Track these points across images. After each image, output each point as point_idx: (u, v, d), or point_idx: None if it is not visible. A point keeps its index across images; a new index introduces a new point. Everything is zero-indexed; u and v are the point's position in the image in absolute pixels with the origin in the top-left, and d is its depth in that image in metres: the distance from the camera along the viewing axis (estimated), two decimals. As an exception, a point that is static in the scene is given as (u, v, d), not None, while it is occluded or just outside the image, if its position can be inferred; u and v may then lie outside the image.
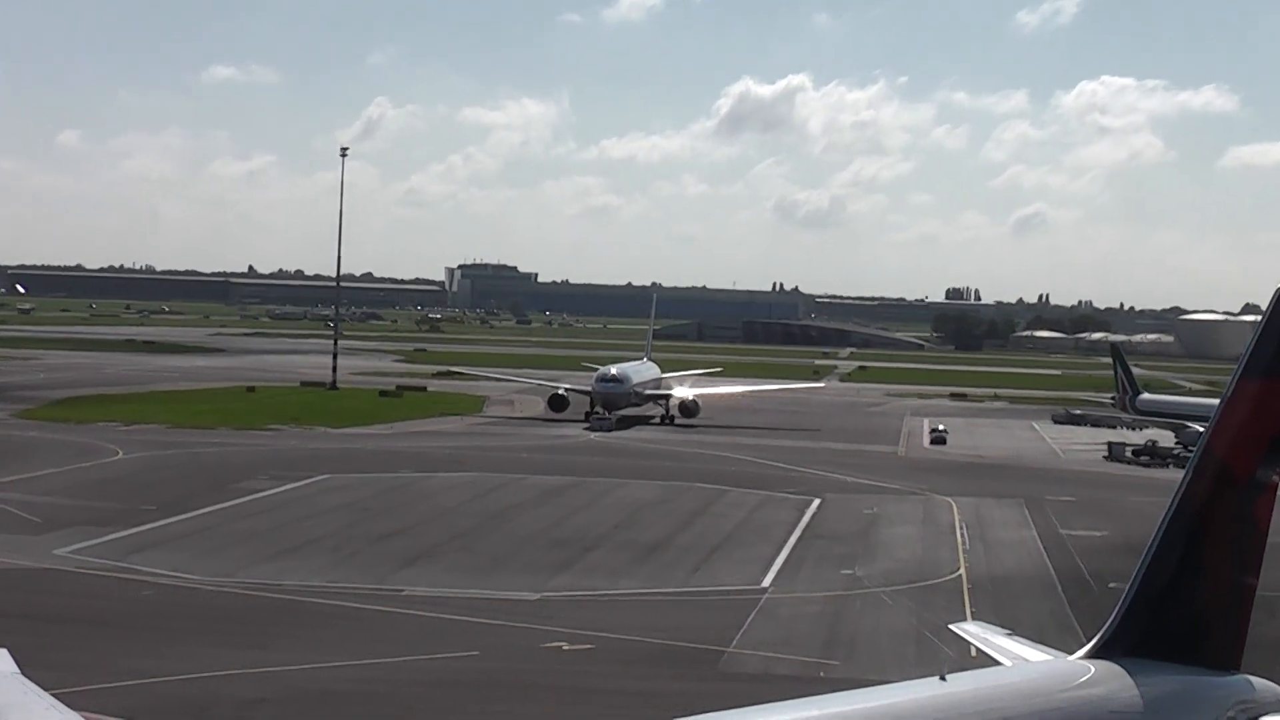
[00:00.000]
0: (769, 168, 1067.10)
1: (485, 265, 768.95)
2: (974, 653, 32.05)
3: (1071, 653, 23.28)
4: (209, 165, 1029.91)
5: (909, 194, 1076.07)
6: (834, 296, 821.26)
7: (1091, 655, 22.50)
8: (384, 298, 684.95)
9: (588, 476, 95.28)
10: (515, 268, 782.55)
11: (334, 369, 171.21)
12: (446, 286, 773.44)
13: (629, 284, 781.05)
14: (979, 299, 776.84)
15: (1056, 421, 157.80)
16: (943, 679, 20.30)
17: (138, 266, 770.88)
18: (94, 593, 55.15)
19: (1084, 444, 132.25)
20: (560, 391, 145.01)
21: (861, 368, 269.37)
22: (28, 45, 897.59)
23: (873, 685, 24.97)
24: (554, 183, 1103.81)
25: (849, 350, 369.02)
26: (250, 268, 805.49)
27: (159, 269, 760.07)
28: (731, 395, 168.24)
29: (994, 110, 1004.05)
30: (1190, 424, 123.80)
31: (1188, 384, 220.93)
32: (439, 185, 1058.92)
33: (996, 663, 25.81)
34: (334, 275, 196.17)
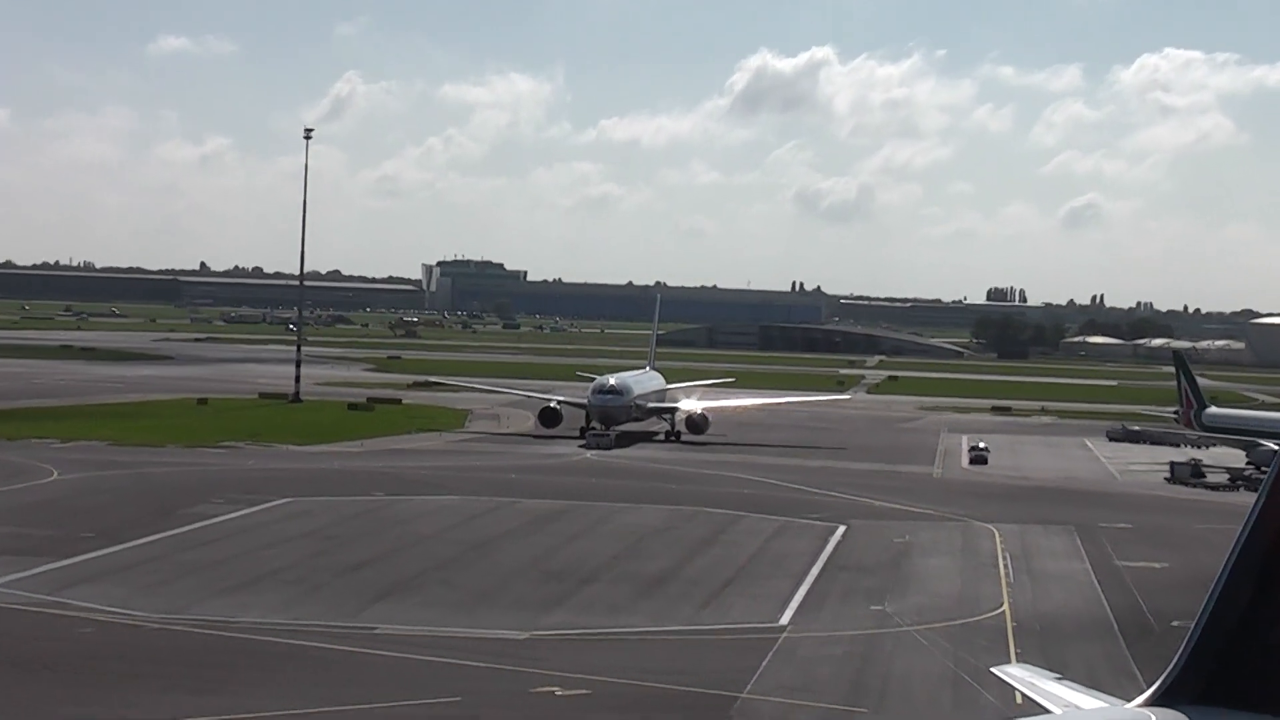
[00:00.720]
0: (789, 153, 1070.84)
1: (468, 262, 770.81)
2: (1019, 699, 32.08)
3: (1130, 700, 23.26)
4: (156, 149, 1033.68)
5: (946, 183, 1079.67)
6: (861, 298, 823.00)
7: (1152, 703, 22.44)
8: (353, 299, 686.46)
9: (584, 500, 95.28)
10: (502, 265, 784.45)
11: (297, 379, 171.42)
12: (424, 286, 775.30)
13: (630, 284, 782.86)
14: (1024, 301, 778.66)
15: (1112, 439, 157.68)
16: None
17: (75, 264, 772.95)
18: (25, 632, 55.12)
19: (1143, 464, 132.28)
20: (552, 405, 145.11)
21: (892, 378, 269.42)
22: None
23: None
24: (546, 170, 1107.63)
25: (878, 358, 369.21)
26: (202, 265, 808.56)
27: (99, 266, 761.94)
28: (745, 409, 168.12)
29: (1043, 88, 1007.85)
30: (1263, 441, 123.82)
31: (1260, 397, 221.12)
32: (416, 172, 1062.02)
33: (1045, 711, 25.80)
34: (297, 273, 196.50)
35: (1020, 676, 29.90)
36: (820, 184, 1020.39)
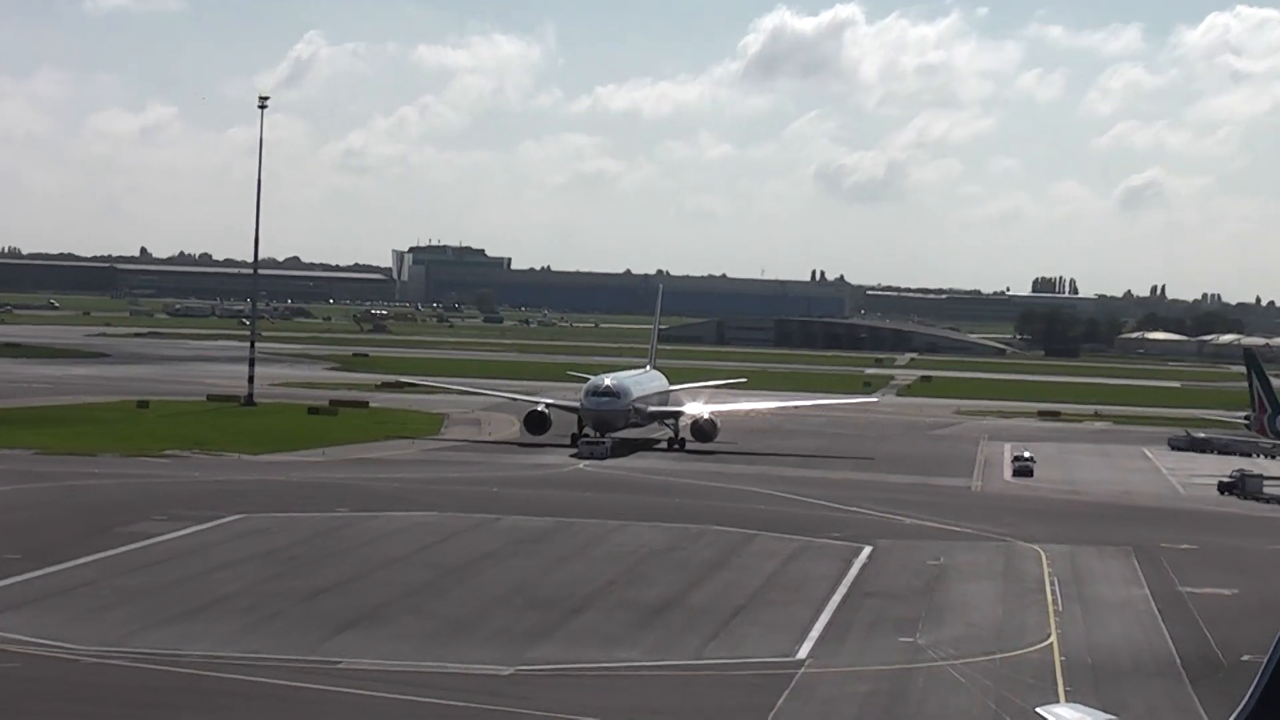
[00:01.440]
0: (809, 124, 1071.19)
1: (444, 248, 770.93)
2: (1069, 744, 31.95)
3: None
4: (91, 119, 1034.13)
5: (988, 159, 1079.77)
6: (890, 289, 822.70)
7: (1220, 748, 22.41)
8: (315, 289, 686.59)
9: (575, 517, 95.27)
10: (483, 251, 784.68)
11: (250, 379, 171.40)
12: (394, 275, 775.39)
13: (628, 272, 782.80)
14: (1075, 292, 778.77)
15: (1175, 447, 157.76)
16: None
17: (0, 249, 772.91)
18: (-58, 665, 55.02)
19: (1210, 476, 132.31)
20: (540, 408, 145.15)
21: (925, 379, 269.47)
22: None
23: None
24: (534, 143, 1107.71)
25: (909, 356, 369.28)
26: (143, 250, 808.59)
27: (25, 252, 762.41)
28: (759, 413, 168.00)
29: (1098, 51, 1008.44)
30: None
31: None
32: (386, 146, 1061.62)
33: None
34: (250, 260, 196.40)
35: (1070, 718, 29.86)
36: (845, 159, 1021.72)
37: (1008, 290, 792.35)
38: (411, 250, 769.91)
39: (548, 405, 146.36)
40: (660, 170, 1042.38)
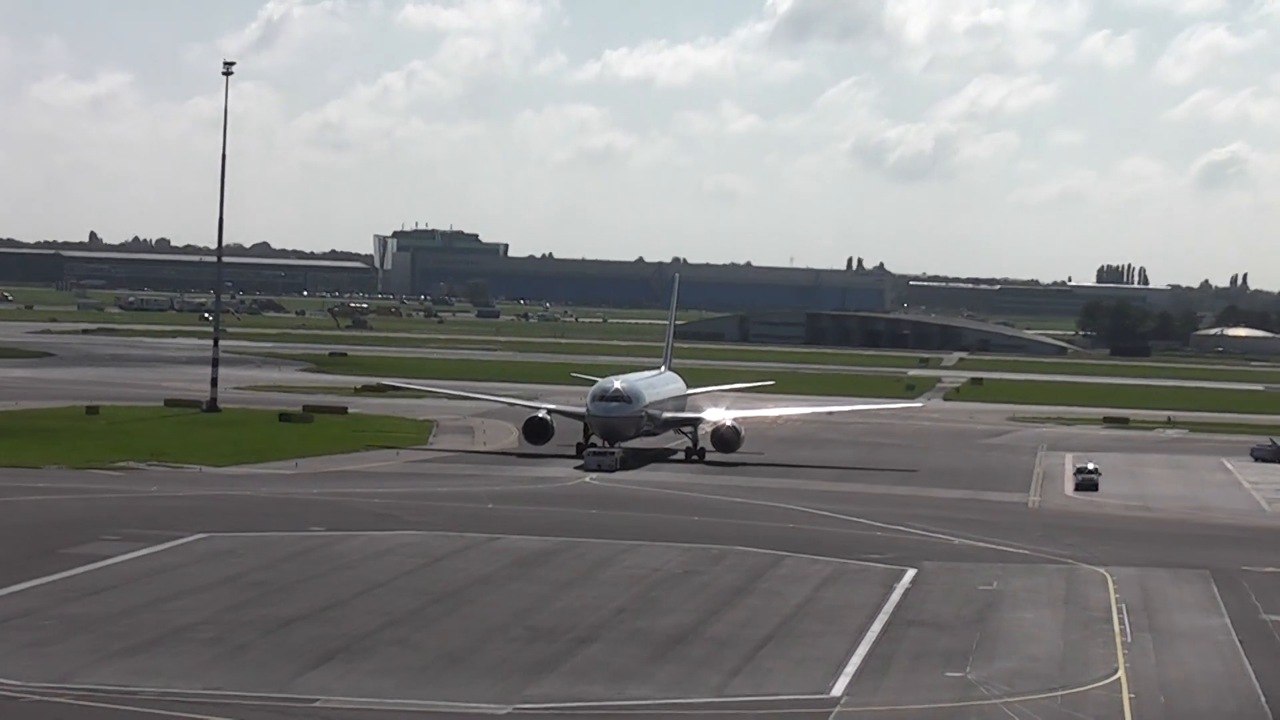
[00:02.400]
0: (846, 93, 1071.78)
1: (432, 233, 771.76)
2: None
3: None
4: (33, 88, 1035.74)
5: (1049, 131, 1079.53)
6: (936, 279, 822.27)
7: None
8: (287, 279, 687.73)
9: (581, 537, 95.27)
10: (476, 236, 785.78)
11: (213, 381, 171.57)
12: (376, 263, 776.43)
13: (640, 260, 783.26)
14: (1146, 282, 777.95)
15: (1258, 458, 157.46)
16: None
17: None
18: None
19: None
20: (541, 415, 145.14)
21: (975, 381, 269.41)
22: None
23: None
24: (535, 114, 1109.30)
25: (958, 356, 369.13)
26: (92, 236, 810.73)
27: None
28: (788, 420, 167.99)
29: (1174, 10, 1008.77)
30: None
31: None
32: (368, 117, 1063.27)
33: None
34: (213, 247, 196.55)
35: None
36: (886, 133, 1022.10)
37: (1069, 280, 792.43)
38: (396, 235, 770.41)
39: (549, 411, 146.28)
40: (677, 145, 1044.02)
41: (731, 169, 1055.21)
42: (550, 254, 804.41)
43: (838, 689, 61.66)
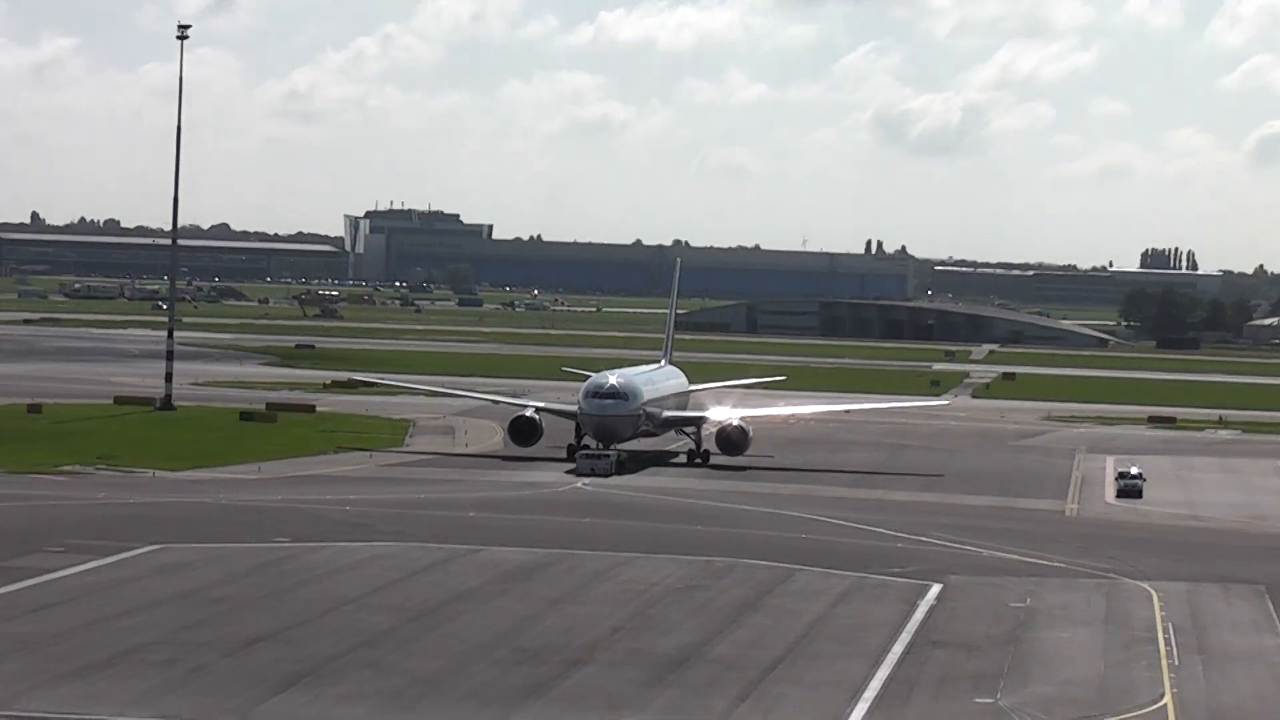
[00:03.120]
0: (865, 59, 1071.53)
1: (409, 213, 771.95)
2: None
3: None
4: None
5: (1088, 101, 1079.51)
6: (964, 264, 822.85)
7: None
8: (248, 264, 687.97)
9: (573, 548, 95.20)
10: (457, 217, 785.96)
11: (168, 376, 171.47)
12: (347, 246, 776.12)
13: (638, 243, 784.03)
14: (1195, 268, 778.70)
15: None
16: None
17: None
18: None
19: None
20: (528, 414, 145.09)
21: (1007, 375, 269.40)
22: None
23: None
24: (522, 83, 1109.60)
25: (987, 348, 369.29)
26: (34, 217, 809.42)
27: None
28: (801, 419, 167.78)
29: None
30: None
31: None
32: (338, 86, 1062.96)
33: None
34: (168, 229, 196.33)
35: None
36: (909, 103, 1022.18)
37: (1110, 266, 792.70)
38: (369, 216, 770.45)
39: (538, 410, 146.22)
40: (679, 117, 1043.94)
41: (739, 143, 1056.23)
42: (539, 236, 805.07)
43: (855, 716, 61.64)
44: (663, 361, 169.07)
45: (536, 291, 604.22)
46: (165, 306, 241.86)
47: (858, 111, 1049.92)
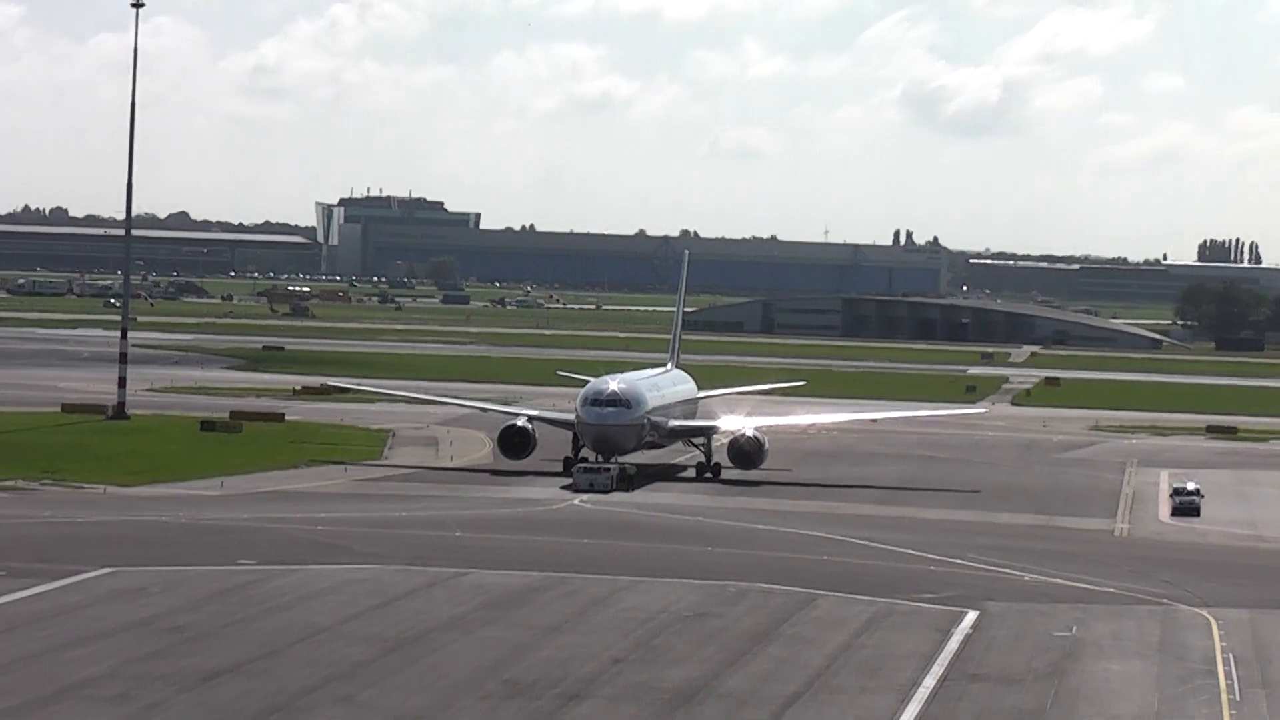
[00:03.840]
0: (895, 28, 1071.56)
1: (388, 200, 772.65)
2: None
3: None
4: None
5: (1141, 77, 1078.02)
6: (1003, 256, 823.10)
7: None
8: (210, 257, 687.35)
9: (570, 572, 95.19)
10: (442, 204, 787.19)
11: (121, 382, 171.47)
12: (320, 237, 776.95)
13: (641, 234, 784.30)
14: (1258, 260, 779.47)
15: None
16: None
17: None
18: None
19: None
20: (520, 423, 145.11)
21: (1050, 380, 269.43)
22: None
23: None
24: (514, 56, 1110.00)
25: (1029, 350, 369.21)
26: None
27: None
28: (823, 429, 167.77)
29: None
30: None
31: None
32: (310, 59, 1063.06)
33: None
34: (121, 218, 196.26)
35: None
36: (944, 78, 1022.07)
37: (1165, 259, 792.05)
38: (343, 204, 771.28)
39: (531, 418, 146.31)
40: (688, 93, 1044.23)
41: (754, 122, 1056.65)
42: (532, 226, 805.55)
43: (883, 758, 61.65)
44: (669, 365, 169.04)
45: (529, 287, 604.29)
46: (118, 304, 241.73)
47: (886, 88, 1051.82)
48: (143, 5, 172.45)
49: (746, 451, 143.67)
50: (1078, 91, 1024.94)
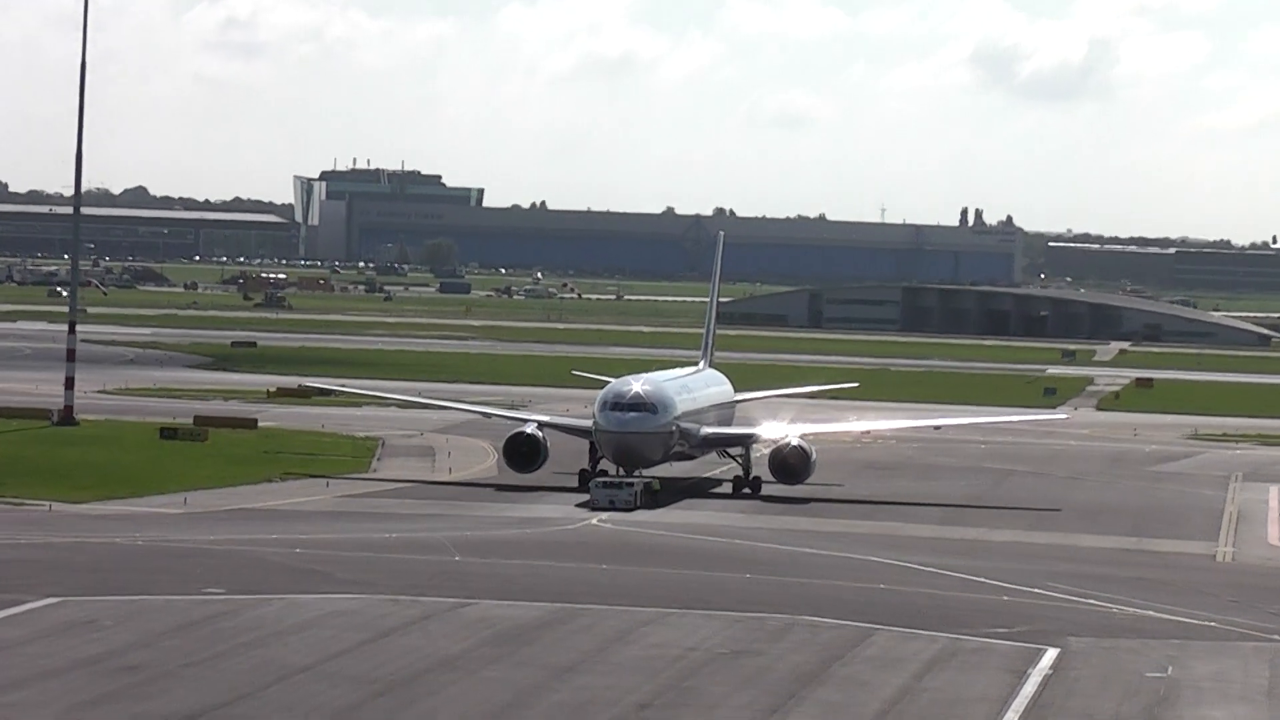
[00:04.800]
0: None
1: (377, 173, 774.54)
2: None
3: None
4: None
5: (1247, 33, 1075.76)
6: (1086, 238, 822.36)
7: None
8: (172, 239, 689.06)
9: (587, 603, 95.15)
10: (439, 179, 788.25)
11: (69, 383, 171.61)
12: (298, 216, 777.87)
13: (669, 212, 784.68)
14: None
15: None
16: None
17: None
18: None
19: None
20: (529, 430, 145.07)
21: (1142, 382, 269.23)
22: None
23: None
24: (522, 7, 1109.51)
25: (1116, 347, 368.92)
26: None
27: None
28: (878, 437, 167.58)
29: None
30: None
31: None
32: (288, 11, 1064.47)
33: None
34: (69, 194, 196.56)
35: None
36: (1019, 35, 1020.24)
37: (1274, 241, 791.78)
38: (325, 177, 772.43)
39: (541, 425, 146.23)
40: (724, 52, 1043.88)
41: (801, 85, 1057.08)
42: (542, 204, 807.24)
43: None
44: (701, 364, 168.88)
45: (539, 274, 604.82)
46: (65, 293, 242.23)
47: (952, 46, 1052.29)
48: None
49: (790, 463, 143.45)
50: (1175, 50, 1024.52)
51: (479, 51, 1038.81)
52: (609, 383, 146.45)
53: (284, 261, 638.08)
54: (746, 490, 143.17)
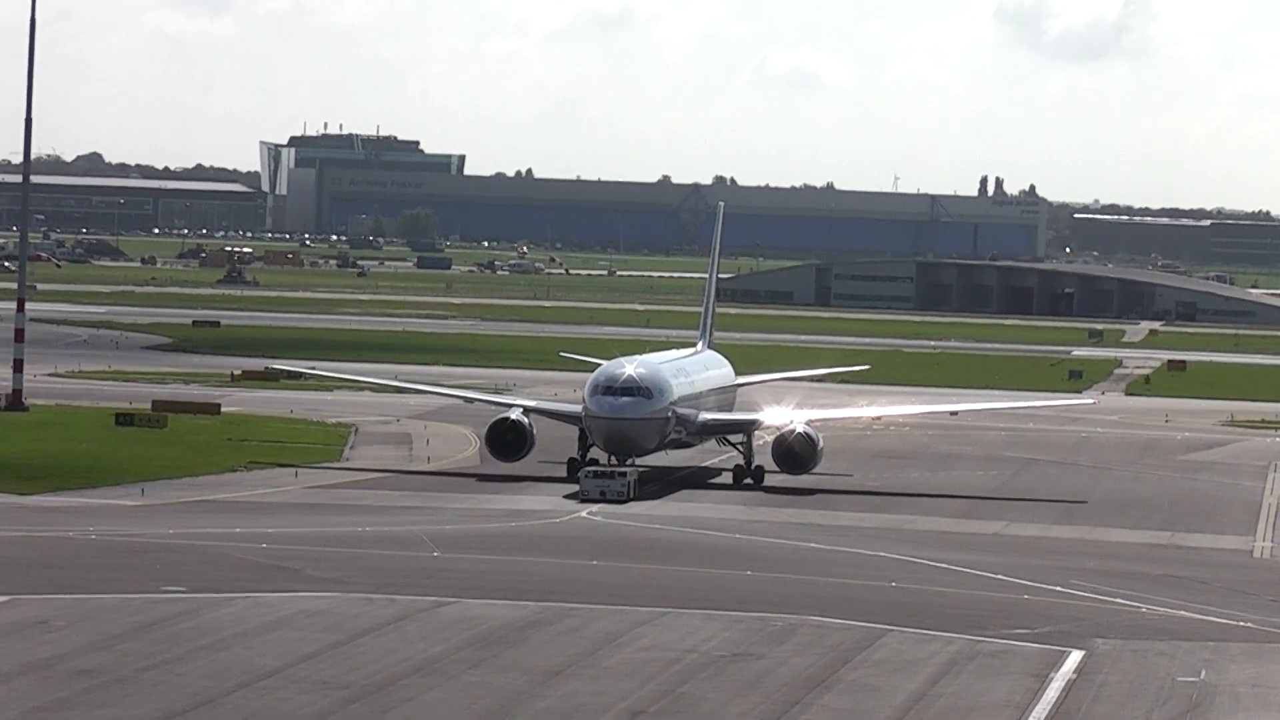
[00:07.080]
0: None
1: (349, 138, 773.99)
2: None
3: None
4: None
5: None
6: (1114, 209, 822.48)
7: None
8: (128, 209, 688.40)
9: (576, 601, 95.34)
10: (417, 144, 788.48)
11: (18, 365, 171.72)
12: (265, 185, 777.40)
13: (665, 180, 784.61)
14: None
15: None
16: None
17: None
18: None
19: None
20: (514, 416, 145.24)
21: (1175, 364, 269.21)
22: None
23: None
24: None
25: (1147, 327, 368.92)
26: None
27: None
28: (891, 423, 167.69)
29: None
30: None
31: None
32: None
33: None
34: (17, 161, 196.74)
35: None
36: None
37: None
38: (294, 143, 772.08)
39: (527, 410, 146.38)
40: (727, 6, 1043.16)
41: (809, 43, 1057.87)
42: (528, 172, 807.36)
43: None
44: (699, 345, 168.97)
45: (525, 248, 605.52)
46: (13, 268, 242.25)
47: (976, 1, 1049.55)
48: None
49: (796, 452, 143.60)
50: (1212, 7, 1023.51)
51: (463, 7, 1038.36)
52: (600, 365, 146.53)
53: (249, 234, 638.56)
54: (748, 480, 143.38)
